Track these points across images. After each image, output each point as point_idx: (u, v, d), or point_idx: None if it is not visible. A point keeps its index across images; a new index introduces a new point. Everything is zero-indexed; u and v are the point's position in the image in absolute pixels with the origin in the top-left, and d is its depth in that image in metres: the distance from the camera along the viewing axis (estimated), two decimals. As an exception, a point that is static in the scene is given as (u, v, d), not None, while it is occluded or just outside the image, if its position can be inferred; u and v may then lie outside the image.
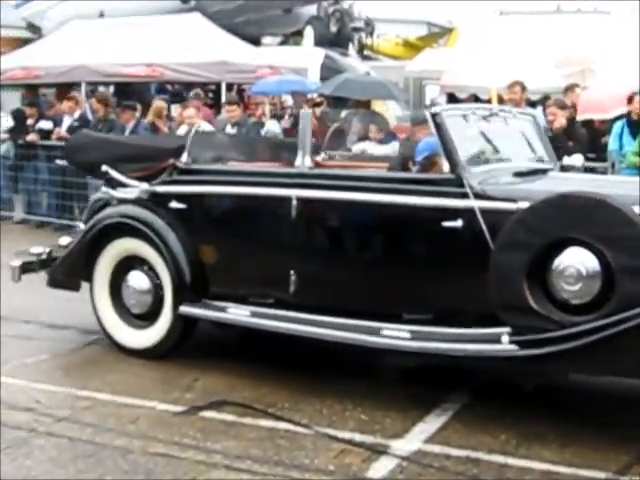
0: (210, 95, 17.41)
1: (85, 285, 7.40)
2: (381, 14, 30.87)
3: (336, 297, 6.31)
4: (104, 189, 7.44)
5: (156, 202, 7.02)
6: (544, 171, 6.58)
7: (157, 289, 6.99)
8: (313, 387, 6.33)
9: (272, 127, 12.43)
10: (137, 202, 7.11)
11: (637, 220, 5.15)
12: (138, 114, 13.29)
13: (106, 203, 7.44)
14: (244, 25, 23.00)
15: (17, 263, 7.54)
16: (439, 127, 5.96)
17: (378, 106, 13.60)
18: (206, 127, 11.78)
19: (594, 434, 5.48)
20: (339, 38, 24.61)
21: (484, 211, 5.66)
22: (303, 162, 6.45)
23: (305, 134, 6.52)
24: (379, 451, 5.33)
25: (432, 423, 5.73)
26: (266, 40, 25.78)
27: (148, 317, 7.07)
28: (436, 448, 5.36)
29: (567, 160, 7.01)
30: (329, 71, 17.97)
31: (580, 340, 5.16)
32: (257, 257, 6.64)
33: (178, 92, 18.61)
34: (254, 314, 6.50)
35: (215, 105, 16.42)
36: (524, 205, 5.53)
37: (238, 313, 6.56)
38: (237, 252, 6.75)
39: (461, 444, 5.38)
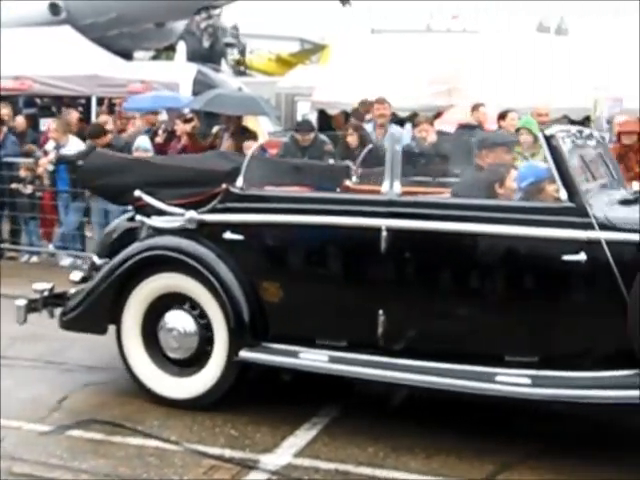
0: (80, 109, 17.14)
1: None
2: (255, 30, 31.01)
3: (433, 339, 5.67)
4: (138, 217, 6.56)
5: (206, 232, 6.20)
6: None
7: (204, 331, 6.18)
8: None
9: (143, 143, 12.29)
10: (180, 232, 6.26)
11: None
12: (5, 128, 12.98)
13: (125, 234, 6.73)
14: (116, 39, 22.79)
15: (22, 303, 6.68)
16: (555, 151, 5.47)
17: (250, 122, 13.63)
18: (75, 143, 11.58)
19: (460, 444, 5.58)
20: (212, 53, 24.60)
21: (611, 243, 5.22)
22: (392, 188, 5.75)
23: (394, 158, 5.82)
24: (249, 466, 5.33)
25: (302, 437, 5.76)
26: (138, 54, 25.59)
27: (192, 363, 6.26)
28: (305, 462, 5.39)
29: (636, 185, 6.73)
30: (201, 86, 17.93)
31: None
32: (336, 295, 5.90)
33: (47, 106, 18.27)
34: (334, 359, 5.78)
35: (86, 119, 16.18)
36: None
37: (314, 359, 5.82)
38: (309, 289, 6.00)
39: (330, 457, 5.43)
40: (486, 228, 5.49)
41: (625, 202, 5.79)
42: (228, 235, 6.10)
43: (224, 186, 6.17)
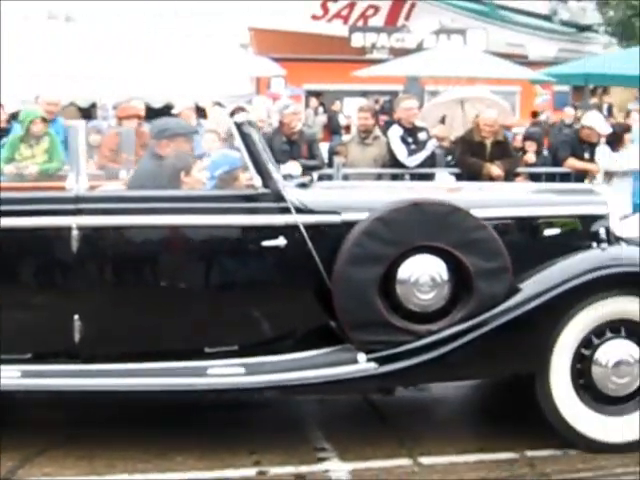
0: None
1: None
2: None
3: (136, 340, 5.24)
4: None
5: None
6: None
7: None
8: None
9: None
10: None
11: (485, 224, 5.13)
12: None
13: None
14: None
15: None
16: (247, 138, 5.32)
17: None
18: None
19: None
20: None
21: (308, 226, 5.22)
22: (78, 183, 5.24)
23: (77, 151, 5.33)
24: None
25: None
26: None
27: None
28: None
29: (284, 168, 6.42)
30: None
31: (445, 347, 5.01)
32: (24, 304, 5.18)
33: None
34: (28, 374, 5.06)
35: None
36: (349, 217, 5.23)
37: (4, 376, 5.01)
38: None
39: None
40: (181, 219, 5.28)
41: (302, 185, 5.84)
42: None
43: None
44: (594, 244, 5.37)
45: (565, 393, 4.99)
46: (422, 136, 10.08)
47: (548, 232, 5.46)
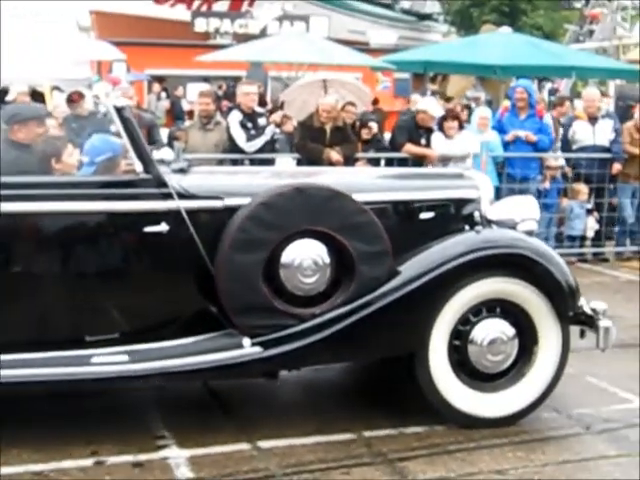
0: None
1: None
2: None
3: (15, 329, 5.02)
4: None
5: None
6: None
7: None
8: None
9: None
10: None
11: (366, 208, 5.21)
12: None
13: None
14: None
15: None
16: (127, 123, 5.17)
17: None
18: None
19: None
20: None
21: (190, 212, 5.16)
22: None
23: None
24: None
25: None
26: None
27: None
28: None
29: (157, 153, 6.09)
30: None
31: (328, 329, 5.09)
32: None
33: None
34: None
35: None
36: (232, 202, 5.21)
37: None
38: None
39: None
40: (62, 206, 5.10)
41: (181, 171, 5.74)
42: None
43: None
44: (467, 227, 5.53)
45: (443, 371, 5.14)
46: (261, 121, 10.03)
47: (423, 216, 5.59)
